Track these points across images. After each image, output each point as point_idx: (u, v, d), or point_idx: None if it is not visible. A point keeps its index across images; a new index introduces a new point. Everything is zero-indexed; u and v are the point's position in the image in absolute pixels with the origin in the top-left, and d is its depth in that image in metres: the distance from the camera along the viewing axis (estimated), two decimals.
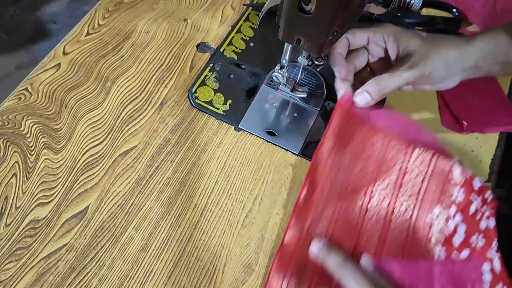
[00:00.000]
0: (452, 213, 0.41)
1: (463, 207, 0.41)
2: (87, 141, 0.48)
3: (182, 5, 0.61)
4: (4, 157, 0.47)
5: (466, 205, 0.41)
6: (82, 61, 0.55)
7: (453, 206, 0.41)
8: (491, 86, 0.55)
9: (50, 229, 0.43)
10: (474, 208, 0.41)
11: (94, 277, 0.41)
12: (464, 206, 0.41)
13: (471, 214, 0.41)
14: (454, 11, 0.60)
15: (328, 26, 0.37)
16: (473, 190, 0.41)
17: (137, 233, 0.43)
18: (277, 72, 0.50)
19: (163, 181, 0.46)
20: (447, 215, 0.41)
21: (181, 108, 0.52)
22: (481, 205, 0.41)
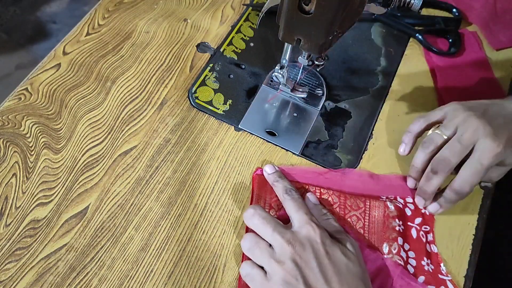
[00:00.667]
0: (401, 242, 0.43)
1: (406, 235, 0.44)
2: (87, 141, 0.48)
3: (182, 5, 0.61)
4: (4, 157, 0.47)
5: (407, 231, 0.44)
6: (82, 61, 0.55)
7: (399, 237, 0.43)
8: (491, 86, 0.55)
9: (50, 229, 0.43)
10: (415, 232, 0.44)
11: (94, 277, 0.41)
12: (406, 235, 0.44)
13: (415, 238, 0.44)
14: (454, 11, 0.61)
15: (328, 26, 0.37)
16: (407, 217, 0.45)
17: (137, 233, 0.43)
18: (277, 72, 0.50)
19: (163, 181, 0.46)
20: (397, 246, 0.43)
21: (181, 108, 0.52)
22: (420, 227, 0.45)
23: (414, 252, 0.43)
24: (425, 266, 0.42)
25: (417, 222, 0.45)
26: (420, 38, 0.58)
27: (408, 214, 0.45)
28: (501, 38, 0.58)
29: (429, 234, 0.45)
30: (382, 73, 0.56)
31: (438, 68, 0.56)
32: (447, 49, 0.57)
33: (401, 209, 0.45)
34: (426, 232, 0.44)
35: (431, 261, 0.43)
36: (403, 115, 0.52)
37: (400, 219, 0.44)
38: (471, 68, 0.56)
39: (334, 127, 0.51)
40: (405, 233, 0.44)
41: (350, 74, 0.56)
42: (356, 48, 0.58)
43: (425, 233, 0.44)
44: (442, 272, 0.42)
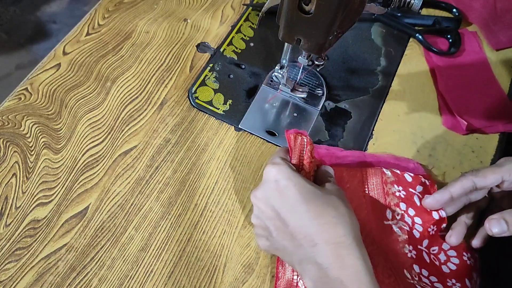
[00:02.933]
0: (404, 207, 0.43)
1: (409, 201, 0.43)
2: (87, 141, 0.48)
3: (182, 5, 0.61)
4: (4, 157, 0.47)
5: (410, 198, 0.44)
6: (82, 61, 0.55)
7: (401, 203, 0.43)
8: (492, 86, 0.55)
9: (50, 229, 0.43)
10: (418, 199, 0.43)
11: (94, 277, 0.41)
12: (409, 200, 0.43)
13: (419, 206, 0.43)
14: (454, 11, 0.61)
15: (328, 26, 0.37)
16: (408, 183, 0.44)
17: (137, 233, 0.43)
18: (277, 72, 0.50)
19: (163, 181, 0.46)
20: (400, 212, 0.43)
21: (181, 108, 0.52)
22: (422, 195, 0.44)
23: (420, 218, 0.42)
24: (431, 232, 0.42)
25: (418, 190, 0.44)
26: (420, 38, 0.58)
27: (409, 180, 0.45)
28: (501, 38, 0.58)
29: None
30: (382, 73, 0.56)
31: (438, 68, 0.56)
32: (447, 49, 0.57)
33: (399, 175, 0.45)
34: None
35: (437, 226, 0.43)
36: (403, 115, 0.52)
37: (400, 184, 0.44)
38: (471, 68, 0.56)
39: (334, 127, 0.51)
40: (408, 199, 0.43)
41: (350, 74, 0.56)
42: (356, 48, 0.58)
43: None
44: (442, 229, 0.43)
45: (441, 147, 0.50)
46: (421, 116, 0.52)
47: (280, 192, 0.36)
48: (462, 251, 0.42)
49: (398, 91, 0.54)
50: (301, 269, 0.35)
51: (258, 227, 0.39)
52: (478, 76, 0.55)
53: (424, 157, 0.49)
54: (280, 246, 0.37)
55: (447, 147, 0.50)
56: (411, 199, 0.44)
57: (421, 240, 0.42)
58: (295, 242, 0.35)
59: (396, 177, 0.45)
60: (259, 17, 0.45)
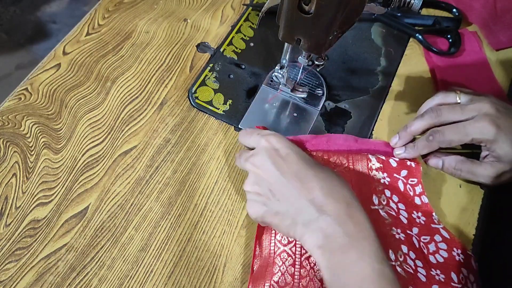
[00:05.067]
0: (389, 194, 0.44)
1: (393, 187, 0.44)
2: (87, 141, 0.48)
3: (182, 5, 0.61)
4: (4, 157, 0.47)
5: (394, 184, 0.45)
6: (82, 61, 0.55)
7: (386, 190, 0.44)
8: (492, 86, 0.55)
9: (50, 229, 0.43)
10: (402, 184, 0.45)
11: (94, 277, 0.41)
12: (393, 186, 0.44)
13: (402, 191, 0.44)
14: (454, 11, 0.61)
15: (328, 26, 0.37)
16: (392, 169, 0.45)
17: (137, 233, 0.43)
18: (277, 72, 0.50)
19: (163, 181, 0.46)
20: (385, 198, 0.44)
21: (181, 108, 0.52)
22: (406, 180, 0.45)
23: (404, 204, 0.44)
24: (416, 219, 0.43)
25: (403, 175, 0.45)
26: (420, 38, 0.58)
27: (393, 165, 0.46)
28: (501, 38, 0.58)
29: (417, 187, 0.45)
30: (382, 73, 0.56)
31: (438, 68, 0.56)
32: (447, 49, 0.57)
33: (384, 161, 0.46)
34: (413, 185, 0.45)
35: (422, 213, 0.44)
36: (403, 115, 0.52)
37: (385, 171, 0.45)
38: (471, 68, 0.56)
39: (334, 127, 0.51)
40: (392, 185, 0.45)
41: (350, 74, 0.56)
42: (356, 48, 0.58)
43: (412, 186, 0.45)
44: (434, 221, 0.43)
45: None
46: None
47: (283, 158, 0.38)
48: (453, 246, 0.42)
49: (398, 91, 0.54)
50: (305, 231, 0.36)
51: (253, 193, 0.39)
52: (478, 76, 0.55)
53: None
54: (282, 209, 0.37)
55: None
56: (395, 185, 0.45)
57: (409, 227, 0.43)
58: (301, 203, 0.36)
59: (381, 163, 0.46)
60: (259, 17, 0.45)
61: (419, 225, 0.43)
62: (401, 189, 0.45)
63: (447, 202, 0.46)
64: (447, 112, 0.44)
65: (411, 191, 0.45)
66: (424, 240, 0.42)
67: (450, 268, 0.41)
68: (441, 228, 0.43)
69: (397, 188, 0.45)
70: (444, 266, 0.41)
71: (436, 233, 0.42)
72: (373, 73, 0.56)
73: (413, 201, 0.44)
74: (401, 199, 0.44)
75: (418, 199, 0.44)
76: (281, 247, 0.41)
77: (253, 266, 0.41)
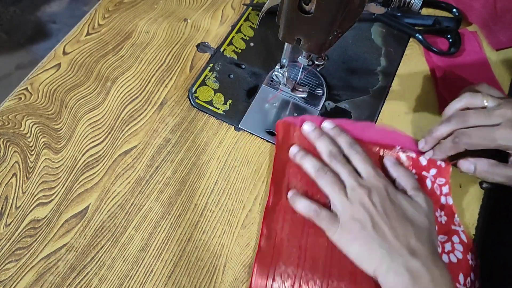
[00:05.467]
0: None
1: (420, 184, 0.44)
2: (87, 141, 0.48)
3: (182, 5, 0.61)
4: (4, 157, 0.47)
5: (422, 181, 0.45)
6: (82, 61, 0.55)
7: None
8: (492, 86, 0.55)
9: (50, 229, 0.43)
10: (430, 183, 0.45)
11: (94, 277, 0.41)
12: (420, 183, 0.44)
13: (429, 189, 0.45)
14: (454, 11, 0.61)
15: (328, 26, 0.37)
16: (422, 167, 0.46)
17: (137, 233, 0.43)
18: (277, 72, 0.50)
19: (163, 181, 0.46)
20: None
21: (181, 108, 0.52)
22: (434, 179, 0.45)
23: None
24: (438, 218, 0.43)
25: (432, 174, 0.45)
26: (420, 38, 0.58)
27: (423, 164, 0.46)
28: (501, 38, 0.58)
29: (444, 187, 0.45)
30: (382, 73, 0.56)
31: (438, 68, 0.56)
32: (447, 49, 0.57)
33: (414, 159, 0.46)
34: (440, 185, 0.45)
35: (445, 213, 0.44)
36: (403, 115, 0.52)
37: (413, 168, 0.46)
38: (471, 68, 0.56)
39: None
40: (420, 182, 0.44)
41: (350, 74, 0.56)
42: (356, 48, 0.58)
43: (440, 186, 0.45)
44: (455, 223, 0.43)
45: None
46: (421, 116, 0.52)
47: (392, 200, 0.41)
48: (469, 251, 0.42)
49: (398, 91, 0.54)
50: (391, 268, 0.37)
51: (358, 213, 0.40)
52: (478, 76, 0.55)
53: None
54: (374, 244, 0.38)
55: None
56: (423, 182, 0.45)
57: None
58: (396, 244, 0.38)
59: (410, 161, 0.46)
60: (259, 17, 0.45)
61: (439, 224, 0.43)
62: (428, 187, 0.45)
63: None
64: (473, 118, 0.43)
65: (438, 190, 0.45)
66: (442, 239, 0.42)
67: (461, 270, 0.41)
68: (461, 231, 0.43)
69: (425, 186, 0.45)
70: (456, 267, 0.41)
71: (455, 234, 0.43)
72: (373, 73, 0.56)
73: (439, 200, 0.44)
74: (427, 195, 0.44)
75: (444, 198, 0.44)
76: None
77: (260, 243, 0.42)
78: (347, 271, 0.40)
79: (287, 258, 0.41)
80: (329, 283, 0.39)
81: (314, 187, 0.44)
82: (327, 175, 0.43)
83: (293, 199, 0.43)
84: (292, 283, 0.40)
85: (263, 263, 0.41)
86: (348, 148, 0.45)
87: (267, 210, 0.43)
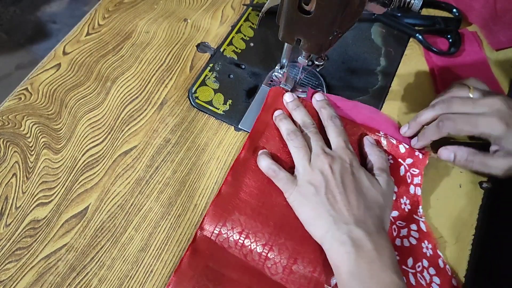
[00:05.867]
0: None
1: (393, 170, 0.46)
2: (87, 141, 0.48)
3: (182, 5, 0.61)
4: (4, 157, 0.47)
5: (396, 168, 0.46)
6: (82, 61, 0.55)
7: None
8: (492, 86, 0.54)
9: (50, 229, 0.43)
10: (403, 170, 0.46)
11: (94, 277, 0.41)
12: (393, 169, 0.46)
13: (401, 176, 0.46)
14: (454, 11, 0.61)
15: (328, 26, 0.37)
16: (399, 154, 0.47)
17: (137, 233, 0.43)
18: (277, 72, 0.50)
19: (163, 181, 0.46)
20: None
21: (181, 108, 0.52)
22: (409, 168, 0.46)
23: (396, 187, 0.45)
24: (402, 205, 0.44)
25: (407, 162, 0.46)
26: (420, 38, 0.58)
27: (402, 151, 0.47)
28: (501, 38, 0.58)
29: (416, 177, 0.46)
30: (382, 73, 0.56)
31: (438, 68, 0.56)
32: (447, 49, 0.57)
33: (394, 145, 0.47)
34: (413, 175, 0.46)
35: (410, 202, 0.45)
36: (403, 115, 0.52)
37: (391, 153, 0.47)
38: (471, 68, 0.56)
39: None
40: (393, 167, 0.46)
41: (350, 74, 0.56)
42: (356, 48, 0.58)
43: (412, 176, 0.46)
44: (418, 214, 0.44)
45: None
46: None
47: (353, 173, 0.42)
48: (425, 239, 0.43)
49: (398, 91, 0.54)
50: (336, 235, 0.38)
51: (315, 179, 0.41)
52: (478, 76, 0.55)
53: None
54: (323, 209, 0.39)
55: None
56: (396, 168, 0.46)
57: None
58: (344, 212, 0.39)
59: (390, 146, 0.47)
60: (259, 17, 0.45)
61: (402, 211, 0.44)
62: (400, 174, 0.46)
63: (447, 202, 0.46)
64: (458, 104, 0.44)
65: (409, 179, 0.46)
66: (400, 224, 0.43)
67: (411, 254, 0.42)
68: (421, 221, 0.44)
69: (397, 171, 0.46)
70: (407, 250, 0.42)
71: (415, 223, 0.43)
72: (373, 73, 0.56)
73: (407, 188, 0.45)
74: (397, 182, 0.45)
75: (413, 188, 0.45)
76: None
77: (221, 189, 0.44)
78: (297, 234, 0.41)
79: (242, 208, 0.43)
80: (275, 240, 0.41)
81: (285, 152, 0.46)
82: (297, 139, 0.44)
83: (260, 157, 0.45)
84: (240, 231, 0.42)
85: (219, 206, 0.43)
86: (328, 120, 0.46)
87: (237, 161, 0.46)
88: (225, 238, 0.41)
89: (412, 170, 0.46)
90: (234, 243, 0.41)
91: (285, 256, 0.40)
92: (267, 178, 0.44)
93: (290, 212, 0.42)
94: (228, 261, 0.41)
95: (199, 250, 0.41)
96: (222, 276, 0.40)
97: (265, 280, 0.40)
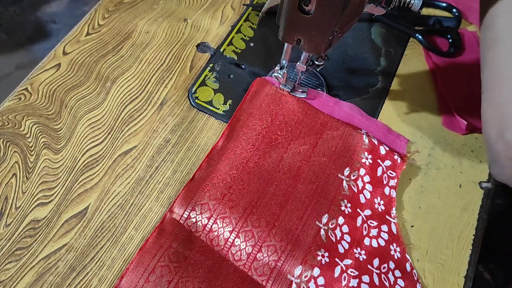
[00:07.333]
0: (362, 173, 0.46)
1: (371, 170, 0.46)
2: (87, 141, 0.48)
3: (182, 5, 0.61)
4: (4, 157, 0.47)
5: (374, 168, 0.46)
6: (82, 61, 0.55)
7: (362, 168, 0.46)
8: None
9: (50, 229, 0.43)
10: (381, 171, 0.46)
11: (94, 277, 0.41)
12: (371, 169, 0.46)
13: (378, 176, 0.46)
14: (454, 11, 0.61)
15: (328, 26, 0.37)
16: (379, 155, 0.47)
17: (137, 233, 0.43)
18: (277, 72, 0.50)
19: (163, 181, 0.46)
20: (357, 175, 0.46)
21: (181, 108, 0.52)
22: (386, 170, 0.46)
23: (372, 186, 0.45)
24: (376, 205, 0.44)
25: (386, 164, 0.47)
26: (420, 38, 0.58)
27: (382, 152, 0.47)
28: None
29: (392, 180, 0.46)
30: (382, 73, 0.56)
31: (438, 68, 0.56)
32: (447, 49, 0.57)
33: (375, 145, 0.47)
34: (390, 177, 0.46)
35: (384, 203, 0.45)
36: (403, 115, 0.52)
37: (371, 153, 0.47)
38: (471, 68, 0.56)
39: None
40: (370, 167, 0.46)
41: (350, 74, 0.56)
42: (356, 48, 0.58)
43: (389, 177, 0.46)
44: (391, 215, 0.44)
45: (441, 147, 0.50)
46: (421, 116, 0.52)
47: None
48: (394, 242, 0.43)
49: (398, 91, 0.54)
50: None
51: None
52: (478, 76, 0.55)
53: (424, 156, 0.49)
54: None
55: (446, 147, 0.50)
56: (374, 168, 0.46)
57: (363, 207, 0.44)
58: None
59: (371, 146, 0.47)
60: (259, 17, 0.45)
61: (375, 210, 0.44)
62: (377, 174, 0.46)
63: (447, 202, 0.46)
64: None
65: (386, 180, 0.46)
66: (371, 224, 0.44)
67: (378, 255, 0.42)
68: (393, 222, 0.44)
69: (374, 172, 0.46)
70: (373, 252, 0.42)
71: (386, 223, 0.44)
72: (373, 73, 0.56)
73: (383, 189, 0.45)
74: (373, 181, 0.46)
75: (389, 190, 0.45)
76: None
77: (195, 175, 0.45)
78: (265, 220, 0.42)
79: (213, 194, 0.44)
80: (242, 226, 0.42)
81: (258, 149, 0.47)
82: None
83: None
84: (209, 216, 0.42)
85: (190, 190, 0.44)
86: None
87: (214, 148, 0.47)
88: (194, 222, 0.42)
89: (390, 172, 0.46)
90: (202, 227, 0.42)
91: (250, 244, 0.41)
92: (241, 165, 0.45)
93: (262, 200, 0.43)
94: (192, 244, 0.41)
95: (165, 231, 0.42)
96: (184, 258, 0.40)
97: (227, 265, 0.40)
